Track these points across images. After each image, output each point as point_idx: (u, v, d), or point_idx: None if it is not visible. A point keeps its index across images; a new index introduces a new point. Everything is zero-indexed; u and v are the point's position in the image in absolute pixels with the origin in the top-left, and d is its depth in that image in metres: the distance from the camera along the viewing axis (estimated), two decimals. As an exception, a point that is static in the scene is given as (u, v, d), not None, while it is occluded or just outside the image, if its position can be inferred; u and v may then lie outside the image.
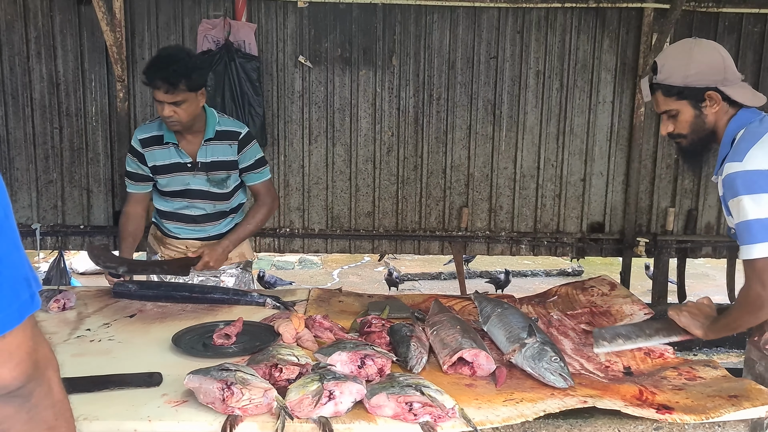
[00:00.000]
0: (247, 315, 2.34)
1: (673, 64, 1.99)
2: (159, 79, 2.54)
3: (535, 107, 4.75)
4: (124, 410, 1.64)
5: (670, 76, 1.98)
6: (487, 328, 2.20)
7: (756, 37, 4.69)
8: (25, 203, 4.70)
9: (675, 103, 2.00)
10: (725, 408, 1.69)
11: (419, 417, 1.60)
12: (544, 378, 1.81)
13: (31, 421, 0.94)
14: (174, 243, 2.96)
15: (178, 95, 2.57)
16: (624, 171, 4.83)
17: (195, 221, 2.91)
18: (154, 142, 2.78)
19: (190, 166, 2.79)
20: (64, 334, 2.22)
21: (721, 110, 1.97)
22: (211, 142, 2.78)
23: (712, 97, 1.95)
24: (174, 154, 2.77)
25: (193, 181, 2.81)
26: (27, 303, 0.89)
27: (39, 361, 0.93)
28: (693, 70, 1.95)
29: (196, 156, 2.78)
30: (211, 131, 2.77)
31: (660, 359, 2.06)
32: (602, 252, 4.99)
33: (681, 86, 1.97)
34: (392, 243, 4.93)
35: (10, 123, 4.60)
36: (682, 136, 2.05)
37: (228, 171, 2.84)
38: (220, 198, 2.88)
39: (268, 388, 1.62)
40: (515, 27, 4.66)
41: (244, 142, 2.84)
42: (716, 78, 1.95)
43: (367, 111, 4.72)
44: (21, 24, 4.50)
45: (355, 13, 4.60)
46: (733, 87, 1.96)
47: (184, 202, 2.86)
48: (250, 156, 2.86)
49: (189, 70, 2.58)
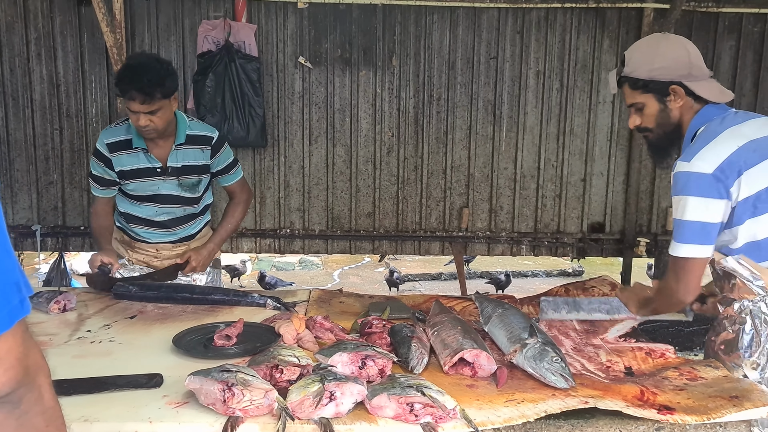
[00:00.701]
0: (248, 316, 2.34)
1: (639, 58, 2.01)
2: (134, 90, 2.50)
3: (535, 107, 4.75)
4: (124, 411, 1.64)
5: (636, 69, 2.00)
6: (488, 328, 2.20)
7: (756, 37, 4.69)
8: (26, 204, 4.71)
9: (641, 96, 2.02)
10: (726, 408, 1.69)
11: (420, 418, 1.60)
12: (545, 378, 1.81)
13: (21, 428, 0.92)
14: (143, 247, 2.93)
15: (154, 104, 2.54)
16: (624, 171, 4.83)
17: (165, 226, 2.89)
18: (122, 146, 2.73)
19: (160, 171, 2.76)
20: (65, 336, 2.22)
21: (685, 105, 1.99)
22: (182, 146, 2.76)
23: (676, 91, 1.97)
24: (143, 159, 2.74)
25: (163, 186, 2.78)
26: (17, 308, 0.88)
27: (29, 366, 0.91)
28: (658, 63, 1.97)
29: (167, 161, 2.75)
30: (182, 136, 2.75)
31: (661, 359, 2.06)
32: (603, 252, 4.98)
33: (646, 79, 1.98)
34: (393, 244, 4.93)
35: (11, 124, 4.60)
36: (648, 129, 2.07)
37: (199, 175, 2.84)
38: (190, 202, 2.89)
39: (269, 389, 1.62)
40: (515, 27, 4.66)
41: (217, 147, 2.84)
42: (681, 72, 1.96)
43: (368, 111, 4.72)
44: (21, 25, 4.50)
45: (355, 14, 4.60)
46: (699, 82, 1.97)
47: (154, 207, 2.84)
48: (223, 160, 2.87)
49: (162, 77, 2.54)
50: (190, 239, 2.99)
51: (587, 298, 2.39)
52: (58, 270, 5.53)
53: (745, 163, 1.86)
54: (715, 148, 1.87)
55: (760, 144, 1.90)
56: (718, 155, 1.86)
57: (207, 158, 2.82)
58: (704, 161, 1.85)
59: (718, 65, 4.69)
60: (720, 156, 1.86)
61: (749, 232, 1.91)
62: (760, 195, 1.88)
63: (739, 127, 1.92)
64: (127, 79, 2.54)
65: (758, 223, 1.90)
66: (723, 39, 4.66)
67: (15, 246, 4.75)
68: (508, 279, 6.78)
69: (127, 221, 2.92)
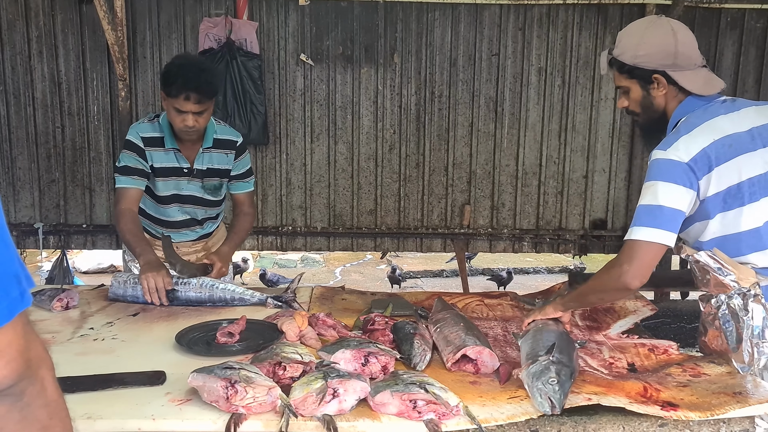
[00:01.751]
0: (250, 313, 2.34)
1: (627, 42, 2.00)
2: (191, 91, 2.49)
3: (537, 104, 4.74)
4: (127, 409, 1.64)
5: (623, 53, 2.00)
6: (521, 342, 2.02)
7: (758, 33, 4.68)
8: (28, 203, 4.71)
9: (626, 81, 2.02)
10: (730, 405, 1.68)
11: (423, 415, 1.59)
12: (533, 397, 1.66)
13: (23, 421, 0.92)
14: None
15: (206, 104, 2.57)
16: (626, 167, 4.83)
17: (185, 225, 2.93)
18: (156, 143, 2.74)
19: (186, 171, 2.78)
20: (68, 333, 2.22)
21: (669, 94, 1.98)
22: (209, 150, 2.79)
23: (659, 80, 1.96)
24: (173, 158, 2.76)
25: (187, 186, 2.81)
26: (17, 300, 0.87)
27: (31, 359, 0.91)
28: (642, 51, 1.96)
29: (194, 162, 2.78)
30: (209, 140, 2.77)
31: (664, 356, 2.06)
32: (605, 249, 4.98)
33: (630, 65, 1.98)
34: (394, 241, 4.93)
35: (13, 122, 4.60)
36: (635, 113, 2.07)
37: (221, 179, 2.87)
38: (211, 204, 2.92)
39: (272, 386, 1.62)
40: (517, 24, 4.65)
41: (240, 151, 2.88)
42: (664, 62, 1.95)
43: (369, 109, 4.72)
44: (22, 23, 4.50)
45: (357, 11, 4.60)
46: (683, 72, 1.95)
47: (175, 207, 2.86)
48: (242, 165, 2.90)
49: (217, 78, 2.59)
50: (208, 237, 3.05)
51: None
52: (60, 268, 5.54)
53: (717, 159, 1.85)
54: (692, 140, 1.86)
55: (736, 139, 1.88)
56: (693, 146, 1.85)
57: (230, 162, 2.85)
58: (680, 150, 1.85)
59: (720, 61, 4.68)
60: (695, 148, 1.85)
61: (719, 226, 1.91)
62: (730, 190, 1.87)
63: (718, 120, 1.91)
64: (182, 80, 2.50)
65: (727, 218, 1.90)
66: (725, 35, 4.65)
67: (17, 244, 4.75)
68: (510, 276, 6.79)
69: (149, 221, 2.93)
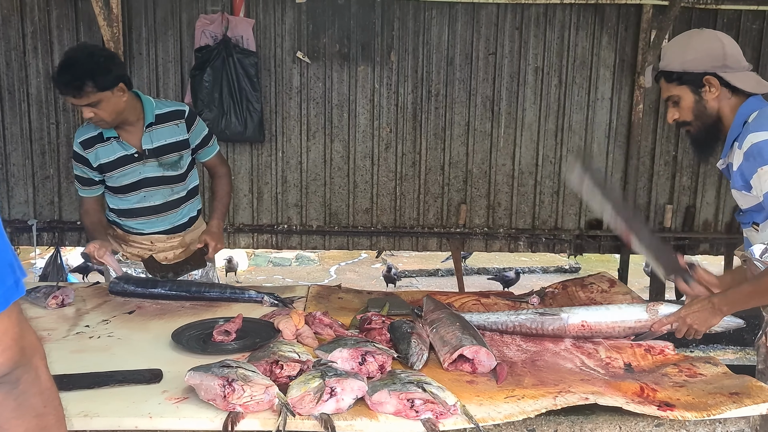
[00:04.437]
0: (247, 312, 2.34)
1: (673, 51, 2.03)
2: (62, 85, 2.48)
3: (533, 104, 4.74)
4: (124, 407, 1.64)
5: (670, 62, 2.02)
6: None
7: (754, 34, 4.70)
8: (22, 199, 4.68)
9: (676, 88, 2.02)
10: (726, 405, 1.69)
11: (421, 414, 1.59)
12: None
13: (19, 408, 0.93)
14: (137, 240, 2.91)
15: (90, 97, 2.49)
16: (622, 168, 4.83)
17: (156, 211, 2.86)
18: (95, 141, 2.72)
19: (137, 155, 2.74)
20: (63, 331, 2.21)
21: (722, 96, 1.98)
22: (153, 127, 2.74)
23: (711, 82, 1.96)
24: (118, 147, 2.72)
25: (143, 170, 2.76)
26: (12, 289, 0.89)
27: (26, 348, 0.93)
28: (690, 55, 1.97)
29: (141, 144, 2.73)
30: (150, 116, 2.72)
31: (660, 356, 2.06)
32: (600, 249, 4.98)
33: (679, 71, 1.99)
34: (390, 239, 4.92)
35: (7, 118, 4.58)
36: (687, 123, 2.05)
37: (179, 151, 2.81)
38: (175, 181, 2.85)
39: (270, 385, 1.61)
40: (514, 23, 4.65)
41: (191, 120, 2.83)
42: (714, 64, 1.96)
43: (366, 107, 4.71)
44: (17, 19, 4.47)
45: (354, 9, 4.59)
46: (734, 73, 1.96)
47: (140, 193, 2.81)
48: (199, 132, 2.86)
49: (93, 72, 2.46)
50: (184, 229, 2.95)
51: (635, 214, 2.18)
52: (54, 265, 5.51)
53: None
54: None
55: None
56: None
57: (184, 132, 2.80)
58: None
59: (716, 62, 4.68)
60: None
61: None
62: None
63: None
64: (58, 74, 2.50)
65: None
66: (721, 36, 4.66)
67: (11, 240, 4.72)
68: (517, 276, 6.50)
69: (117, 216, 2.90)
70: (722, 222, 4.92)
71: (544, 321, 2.16)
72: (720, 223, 4.91)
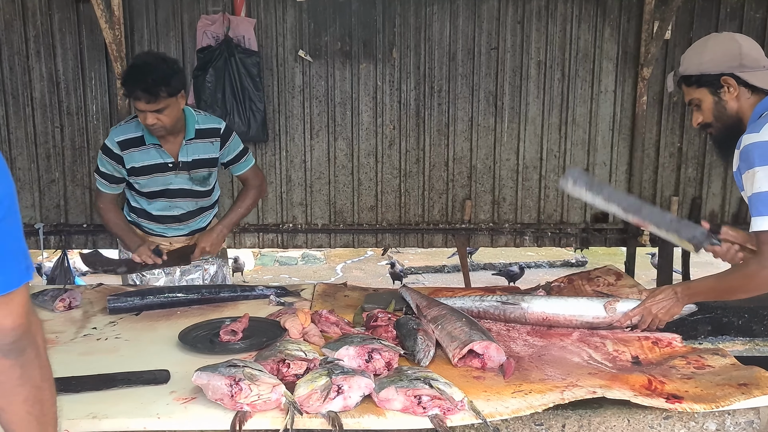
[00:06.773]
0: (253, 311, 2.34)
1: (691, 55, 2.04)
2: (139, 90, 2.53)
3: (536, 98, 4.73)
4: (133, 408, 1.64)
5: (688, 66, 2.03)
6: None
7: (758, 23, 4.66)
8: (28, 203, 4.70)
9: (695, 91, 2.02)
10: (735, 396, 1.68)
11: (428, 410, 1.60)
12: None
13: (22, 377, 1.05)
14: (157, 240, 2.94)
15: (159, 103, 2.56)
16: (627, 160, 4.81)
17: (178, 220, 2.93)
18: (134, 143, 2.75)
19: (171, 165, 2.79)
20: (71, 333, 2.22)
21: (741, 96, 1.96)
22: (192, 141, 2.79)
23: (728, 82, 1.96)
24: (155, 155, 2.77)
25: (175, 180, 2.82)
26: (24, 272, 1.05)
27: (33, 323, 1.07)
28: (707, 57, 1.98)
29: (178, 156, 2.78)
30: (191, 131, 2.78)
31: (668, 348, 2.06)
32: (606, 242, 4.97)
33: (697, 74, 2.00)
34: (395, 237, 4.92)
35: (11, 123, 4.59)
36: (709, 125, 2.05)
37: (209, 168, 2.88)
38: (201, 195, 2.92)
39: (277, 384, 1.62)
40: (516, 17, 4.64)
41: (226, 137, 2.87)
42: (731, 64, 1.96)
43: (369, 104, 4.71)
44: (20, 23, 4.49)
45: (355, 6, 4.58)
46: (752, 72, 1.95)
47: (165, 202, 2.87)
48: (233, 149, 2.89)
49: (167, 76, 2.55)
50: (201, 232, 3.01)
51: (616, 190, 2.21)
52: (61, 268, 5.54)
53: None
54: None
55: None
56: None
57: (216, 150, 2.85)
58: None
59: (720, 52, 4.65)
60: None
61: None
62: None
63: None
64: (131, 80, 2.56)
65: None
66: (725, 26, 4.63)
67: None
68: (522, 271, 6.66)
69: (138, 216, 2.94)
70: (729, 213, 4.89)
71: (506, 309, 2.27)
72: (727, 213, 4.88)
